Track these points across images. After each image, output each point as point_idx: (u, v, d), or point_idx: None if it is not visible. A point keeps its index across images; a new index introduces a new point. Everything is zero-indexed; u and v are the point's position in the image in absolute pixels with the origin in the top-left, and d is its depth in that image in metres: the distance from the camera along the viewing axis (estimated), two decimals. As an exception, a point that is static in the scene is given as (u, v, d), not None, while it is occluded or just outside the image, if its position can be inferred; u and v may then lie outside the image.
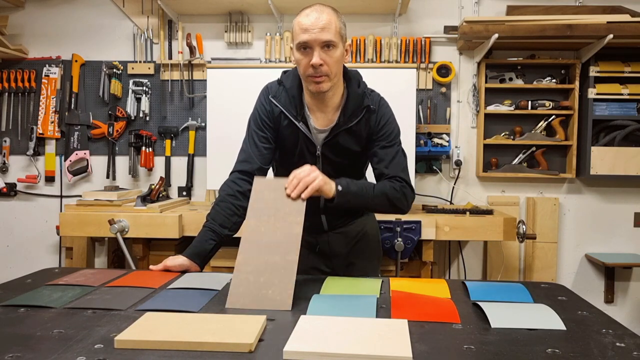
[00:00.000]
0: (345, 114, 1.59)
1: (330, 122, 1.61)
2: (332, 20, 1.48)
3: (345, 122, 1.59)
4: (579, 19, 2.75)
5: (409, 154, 2.66)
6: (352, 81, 1.62)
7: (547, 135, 3.05)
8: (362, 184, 1.54)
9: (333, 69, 1.50)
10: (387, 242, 2.50)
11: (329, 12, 1.50)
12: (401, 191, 1.56)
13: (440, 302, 1.23)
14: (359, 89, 1.61)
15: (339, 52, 1.50)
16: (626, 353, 0.94)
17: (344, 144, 1.61)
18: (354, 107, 1.59)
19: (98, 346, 0.95)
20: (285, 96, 1.61)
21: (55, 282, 1.40)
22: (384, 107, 1.64)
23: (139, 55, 3.19)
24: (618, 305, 3.15)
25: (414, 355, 0.89)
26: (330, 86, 1.53)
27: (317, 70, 1.48)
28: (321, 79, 1.50)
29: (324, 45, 1.47)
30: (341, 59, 1.53)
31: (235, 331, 0.98)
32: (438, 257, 3.06)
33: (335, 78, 1.53)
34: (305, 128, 1.60)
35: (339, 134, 1.59)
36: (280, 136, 1.65)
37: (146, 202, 2.70)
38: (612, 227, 3.13)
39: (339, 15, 1.54)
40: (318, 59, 1.47)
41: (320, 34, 1.46)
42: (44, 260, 3.25)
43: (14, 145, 3.26)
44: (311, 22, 1.47)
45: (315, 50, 1.47)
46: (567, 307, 1.22)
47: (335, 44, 1.49)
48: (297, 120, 1.59)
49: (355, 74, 1.65)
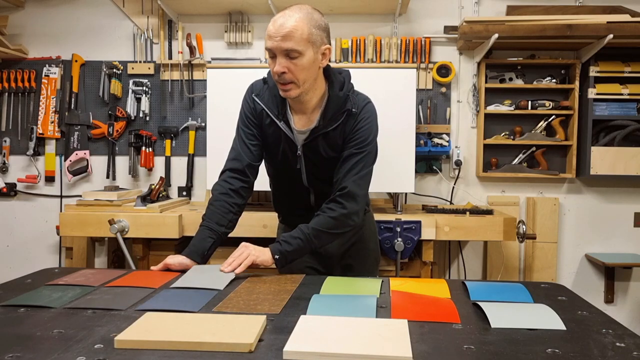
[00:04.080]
0: (324, 117, 1.58)
1: (310, 124, 1.60)
2: (299, 27, 1.44)
3: (324, 126, 1.58)
4: (579, 19, 2.75)
5: (409, 154, 2.69)
6: (335, 84, 1.59)
7: (547, 135, 3.05)
8: (300, 238, 1.51)
9: (299, 76, 1.48)
10: (387, 242, 2.50)
11: (297, 18, 1.45)
12: (339, 216, 1.54)
13: (440, 302, 1.23)
14: (342, 92, 1.59)
15: (305, 60, 1.47)
16: (626, 353, 0.94)
17: (322, 147, 1.61)
18: (334, 110, 1.58)
19: (98, 346, 0.95)
20: (268, 95, 1.61)
21: (55, 282, 1.40)
22: (366, 112, 1.61)
23: (139, 55, 3.19)
24: (618, 305, 3.15)
25: (414, 355, 0.89)
26: (300, 92, 1.51)
27: (280, 77, 1.48)
28: (287, 87, 1.50)
29: (286, 54, 1.45)
30: (311, 65, 1.49)
31: (235, 331, 0.98)
32: (438, 257, 3.06)
33: (306, 84, 1.51)
34: (287, 128, 1.60)
35: (317, 137, 1.59)
36: (263, 134, 1.66)
37: (146, 202, 2.70)
38: (612, 227, 3.13)
39: (315, 18, 1.49)
40: (280, 67, 1.46)
41: (281, 42, 1.44)
42: (44, 260, 3.25)
43: (14, 145, 3.26)
44: (275, 29, 1.45)
45: (278, 58, 1.46)
46: (567, 307, 1.22)
47: (299, 52, 1.45)
48: (278, 120, 1.60)
49: (340, 76, 1.62)
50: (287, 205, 1.84)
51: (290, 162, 1.66)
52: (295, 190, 1.73)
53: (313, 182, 1.69)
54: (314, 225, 1.54)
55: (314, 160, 1.64)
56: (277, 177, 1.79)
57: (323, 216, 1.56)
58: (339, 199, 1.56)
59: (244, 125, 1.65)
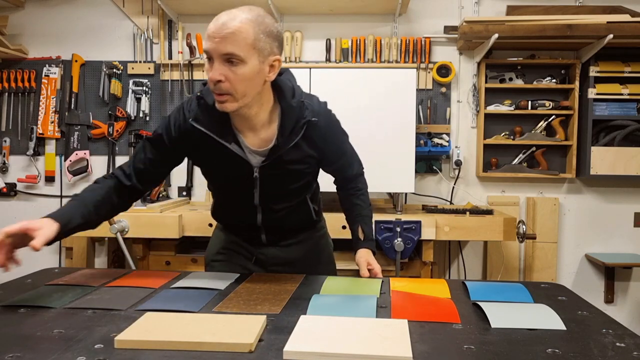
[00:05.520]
0: (283, 134, 1.37)
1: (265, 142, 1.39)
2: (244, 29, 1.20)
3: (285, 143, 1.38)
4: (579, 19, 2.75)
5: (409, 154, 2.69)
6: (285, 93, 1.37)
7: (547, 135, 3.05)
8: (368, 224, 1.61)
9: (238, 87, 1.24)
10: (387, 242, 2.50)
11: (244, 19, 1.21)
12: (364, 189, 1.64)
13: (440, 302, 1.23)
14: (295, 100, 1.37)
15: (248, 69, 1.23)
16: (626, 353, 0.94)
17: (288, 164, 1.42)
18: (292, 123, 1.37)
19: (98, 346, 0.95)
20: (208, 116, 1.35)
21: (55, 282, 1.40)
22: (325, 117, 1.44)
23: (139, 55, 3.19)
24: (618, 305, 3.15)
25: (414, 355, 0.89)
26: (238, 107, 1.28)
27: (216, 86, 1.24)
28: (223, 98, 1.26)
29: (226, 59, 1.22)
30: (254, 76, 1.25)
31: (235, 331, 0.98)
32: (438, 257, 3.06)
33: (246, 98, 1.27)
34: (238, 149, 1.38)
35: (280, 156, 1.39)
36: (205, 160, 1.45)
37: (146, 202, 2.70)
38: (612, 227, 3.13)
39: (266, 23, 1.26)
40: (215, 74, 1.22)
41: (220, 45, 1.20)
42: (44, 260, 3.25)
43: (14, 145, 3.26)
44: (215, 28, 1.21)
45: (216, 63, 1.22)
46: (567, 307, 1.22)
47: (241, 58, 1.21)
48: (228, 142, 1.37)
49: (288, 81, 1.40)
50: (230, 221, 1.66)
51: (241, 183, 1.45)
52: (241, 208, 1.54)
53: (265, 201, 1.49)
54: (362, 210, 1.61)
55: (273, 178, 1.44)
56: (220, 195, 1.61)
57: (356, 199, 1.62)
58: (357, 185, 1.63)
59: (154, 147, 1.42)
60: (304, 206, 1.57)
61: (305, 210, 1.58)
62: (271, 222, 1.54)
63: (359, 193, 1.62)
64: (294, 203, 1.54)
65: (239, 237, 1.63)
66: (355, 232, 1.59)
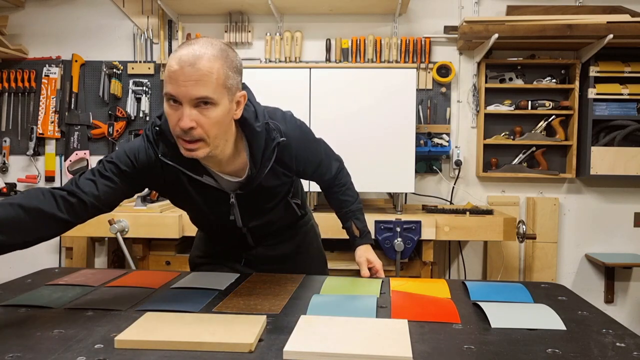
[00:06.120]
0: (255, 164, 1.29)
1: (238, 169, 1.32)
2: (214, 69, 1.11)
3: (260, 171, 1.30)
4: (579, 19, 2.75)
5: (409, 154, 2.69)
6: (248, 119, 1.24)
7: (547, 135, 3.05)
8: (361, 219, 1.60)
9: (210, 132, 1.14)
10: (387, 242, 2.50)
11: (212, 57, 1.11)
12: (347, 183, 1.60)
13: (440, 302, 1.23)
14: (258, 124, 1.26)
15: (220, 111, 1.13)
16: (626, 353, 0.94)
17: (264, 186, 1.35)
18: (262, 150, 1.28)
19: (98, 346, 0.95)
20: (173, 150, 1.23)
21: (55, 282, 1.40)
22: (294, 133, 1.34)
23: (139, 55, 3.19)
24: (618, 305, 3.15)
25: (414, 355, 0.89)
26: (209, 151, 1.18)
27: (187, 133, 1.13)
28: (194, 145, 1.15)
29: (197, 102, 1.12)
30: (225, 117, 1.16)
31: (235, 331, 0.98)
32: (438, 257, 3.06)
33: (217, 140, 1.18)
34: (211, 180, 1.32)
35: (255, 183, 1.33)
36: (171, 190, 1.36)
37: (146, 202, 2.70)
38: (612, 227, 3.13)
39: (231, 58, 1.16)
40: (187, 122, 1.11)
41: (192, 89, 1.09)
42: (44, 260, 3.25)
43: (14, 145, 3.26)
44: (183, 70, 1.09)
45: (185, 108, 1.11)
46: (567, 307, 1.22)
47: (215, 101, 1.12)
48: (200, 176, 1.29)
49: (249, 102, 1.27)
50: (214, 236, 1.63)
51: (218, 210, 1.39)
52: (227, 233, 1.51)
53: (246, 219, 1.44)
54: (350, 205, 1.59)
55: (250, 201, 1.39)
56: (199, 221, 1.59)
57: (341, 196, 1.59)
58: (339, 179, 1.59)
59: (113, 174, 1.24)
60: (287, 208, 1.54)
61: (290, 210, 1.56)
62: (257, 230, 1.51)
63: (343, 189, 1.59)
64: (277, 209, 1.50)
65: (226, 243, 1.60)
66: (350, 230, 1.59)
